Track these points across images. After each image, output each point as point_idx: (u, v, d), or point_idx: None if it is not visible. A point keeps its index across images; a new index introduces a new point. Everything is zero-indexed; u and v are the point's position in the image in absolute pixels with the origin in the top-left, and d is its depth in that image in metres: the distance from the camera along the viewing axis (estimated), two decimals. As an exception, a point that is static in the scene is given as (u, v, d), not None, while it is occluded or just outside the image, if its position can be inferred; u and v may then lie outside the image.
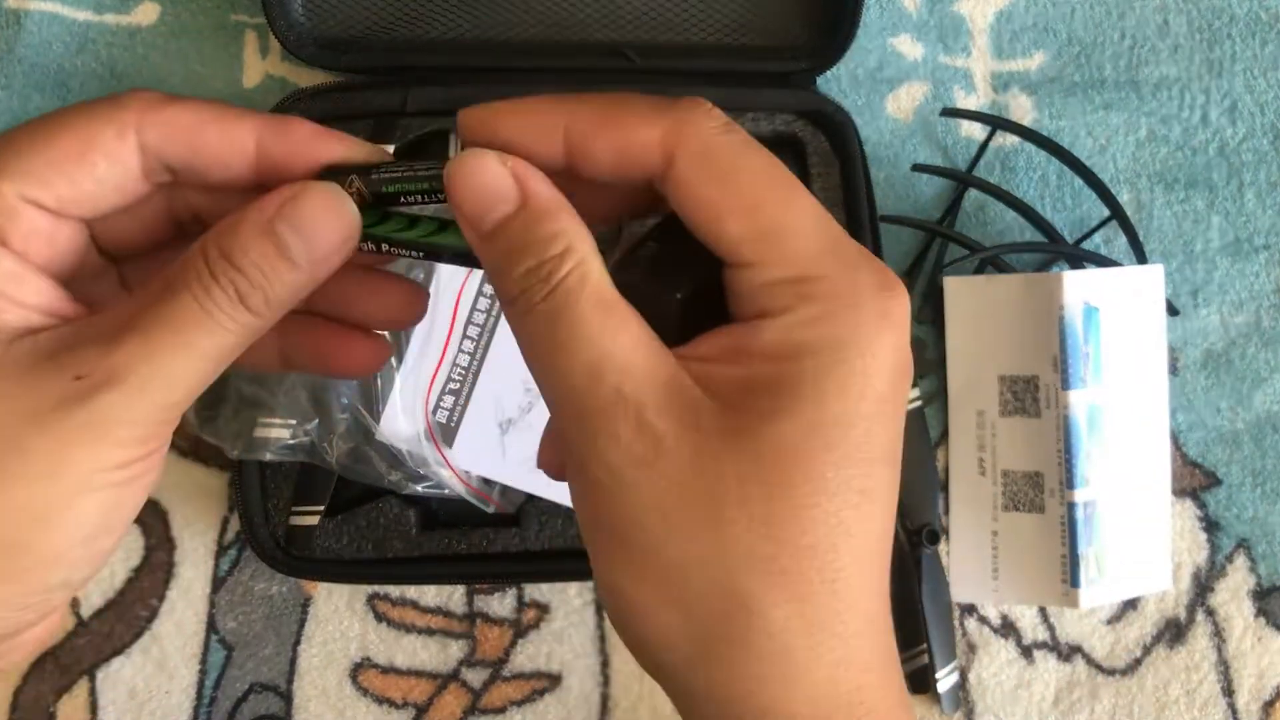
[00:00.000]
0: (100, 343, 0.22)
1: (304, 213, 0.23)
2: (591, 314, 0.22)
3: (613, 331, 0.22)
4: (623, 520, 0.22)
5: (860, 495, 0.22)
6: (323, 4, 0.51)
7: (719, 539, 0.22)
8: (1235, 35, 0.57)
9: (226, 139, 0.25)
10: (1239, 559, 0.54)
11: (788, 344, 0.22)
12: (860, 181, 0.50)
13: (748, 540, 0.22)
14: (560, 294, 0.22)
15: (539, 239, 0.23)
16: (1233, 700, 0.53)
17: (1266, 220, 0.56)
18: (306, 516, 0.47)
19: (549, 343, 0.23)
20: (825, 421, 0.22)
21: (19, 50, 0.53)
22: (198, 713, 0.51)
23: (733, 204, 0.23)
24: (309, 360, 0.28)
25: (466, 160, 0.24)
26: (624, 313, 0.23)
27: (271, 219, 0.23)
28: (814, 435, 0.22)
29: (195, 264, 0.23)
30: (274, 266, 0.23)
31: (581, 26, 0.52)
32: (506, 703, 0.51)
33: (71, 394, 0.22)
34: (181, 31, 0.54)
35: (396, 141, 0.49)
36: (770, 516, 0.22)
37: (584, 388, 0.22)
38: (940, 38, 0.56)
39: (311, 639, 0.51)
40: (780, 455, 0.22)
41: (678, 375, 0.23)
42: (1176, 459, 0.55)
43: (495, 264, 0.24)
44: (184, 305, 0.23)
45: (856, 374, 0.22)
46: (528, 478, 0.47)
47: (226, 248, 0.23)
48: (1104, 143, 0.56)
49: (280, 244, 0.23)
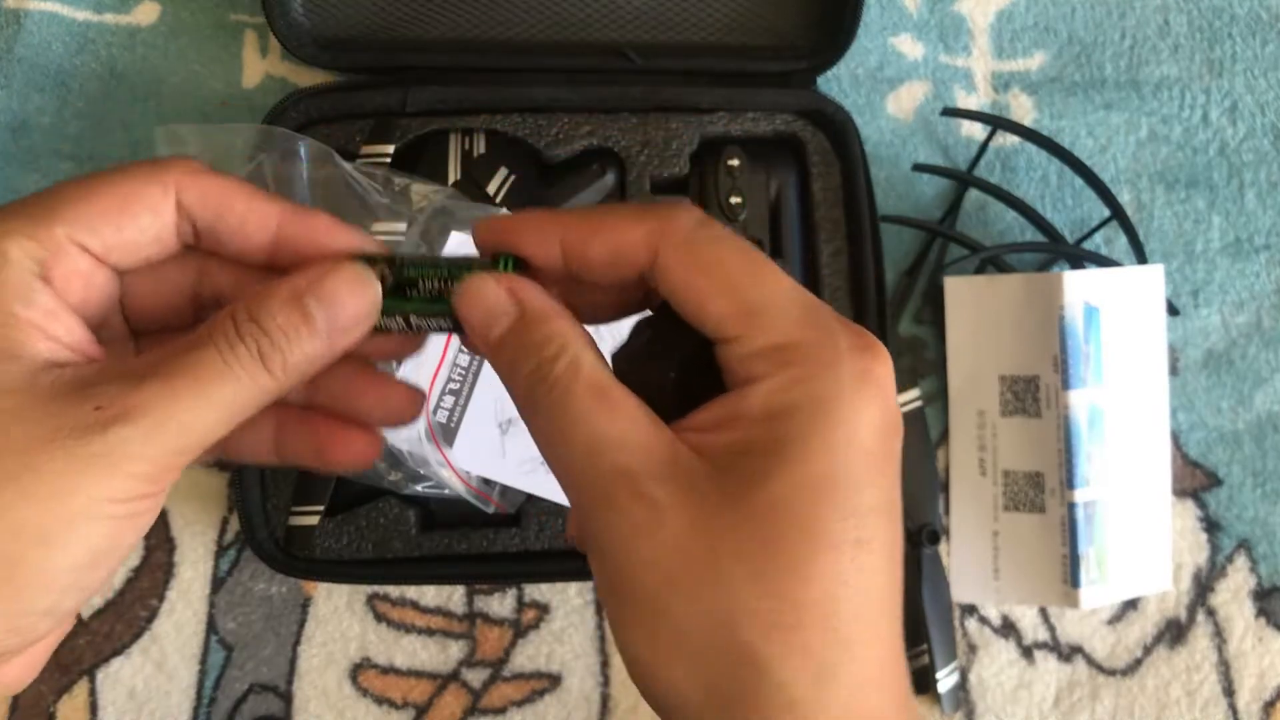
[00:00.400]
0: (122, 381, 0.24)
1: (331, 287, 0.26)
2: (586, 399, 0.24)
3: (607, 412, 0.24)
4: (631, 585, 0.24)
5: (855, 546, 0.23)
6: (323, 4, 0.51)
7: (722, 597, 0.23)
8: (1236, 35, 0.57)
9: (253, 211, 0.27)
10: (1239, 559, 0.54)
11: (773, 406, 0.24)
12: (860, 181, 0.50)
13: (749, 597, 0.23)
14: (559, 387, 0.25)
15: (535, 342, 0.25)
16: (1233, 700, 0.53)
17: (1267, 220, 0.56)
18: (306, 517, 0.47)
19: (553, 431, 0.25)
20: (814, 477, 0.23)
21: (18, 50, 0.53)
22: (197, 713, 0.51)
23: (714, 286, 0.25)
24: (303, 451, 0.30)
25: (470, 284, 0.26)
26: (618, 395, 0.25)
27: (302, 290, 0.26)
28: (804, 491, 0.23)
29: (223, 323, 0.25)
30: (297, 332, 0.25)
31: (581, 26, 0.52)
32: (506, 703, 0.51)
33: (89, 423, 0.23)
34: (181, 31, 0.54)
35: (396, 142, 0.49)
36: (769, 572, 0.23)
37: (585, 466, 0.24)
38: (941, 37, 0.56)
39: (311, 639, 0.51)
40: (774, 512, 0.23)
41: (673, 446, 0.24)
42: (1177, 459, 0.55)
43: (504, 370, 0.26)
44: (207, 357, 0.24)
45: (840, 430, 0.23)
46: (528, 478, 0.47)
47: (255, 311, 0.25)
48: (1104, 143, 0.56)
49: (306, 313, 0.25)
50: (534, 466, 0.47)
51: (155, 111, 0.54)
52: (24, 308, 0.24)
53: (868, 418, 0.24)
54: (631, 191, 0.50)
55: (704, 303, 0.25)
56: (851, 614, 0.23)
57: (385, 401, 0.30)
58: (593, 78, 0.51)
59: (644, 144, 0.50)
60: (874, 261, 0.50)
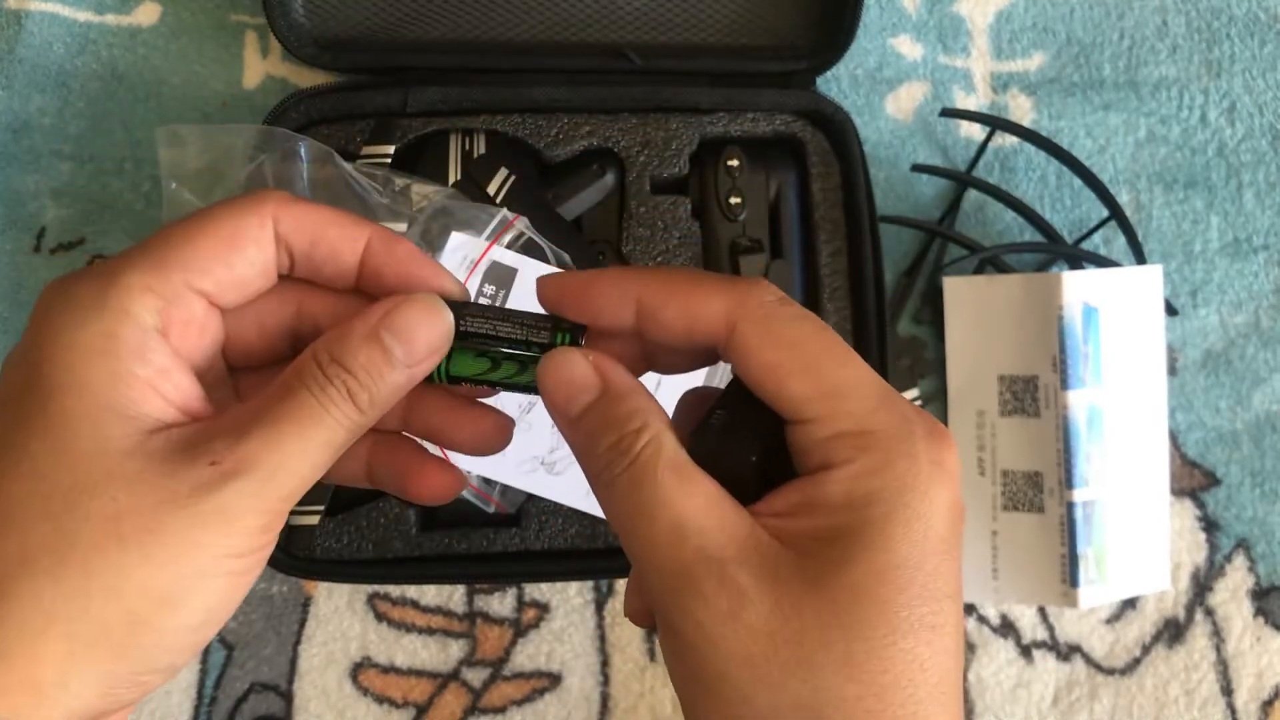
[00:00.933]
0: (228, 436, 0.25)
1: (404, 320, 0.27)
2: (669, 480, 0.25)
3: (690, 495, 0.25)
4: (714, 673, 0.24)
5: (931, 631, 0.24)
6: (323, 4, 0.51)
7: (808, 684, 0.23)
8: (1234, 36, 0.57)
9: (345, 237, 0.28)
10: (1238, 559, 0.54)
11: (853, 494, 0.24)
12: (860, 181, 0.50)
13: (835, 682, 0.23)
14: (639, 465, 0.25)
15: (618, 418, 0.26)
16: (1232, 700, 0.53)
17: (1265, 220, 0.56)
18: (306, 516, 0.48)
19: (632, 509, 0.25)
20: (894, 565, 0.24)
21: (20, 51, 0.54)
22: (198, 712, 0.51)
23: (794, 366, 0.25)
24: (391, 479, 0.30)
25: (556, 357, 0.27)
26: (699, 477, 0.25)
27: (376, 325, 0.26)
28: (885, 578, 0.24)
29: (309, 367, 0.26)
30: (379, 368, 0.26)
31: (581, 26, 0.52)
32: (507, 702, 0.52)
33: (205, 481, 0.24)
34: (182, 32, 0.54)
35: (396, 142, 0.49)
36: (852, 658, 0.23)
37: (668, 549, 0.24)
38: (940, 38, 0.56)
39: (312, 639, 0.52)
40: (856, 599, 0.23)
41: (754, 531, 0.25)
42: (1175, 459, 0.55)
43: (581, 444, 0.27)
44: (304, 401, 0.25)
45: (918, 519, 0.24)
46: (528, 478, 0.47)
47: (338, 352, 0.26)
48: (1103, 143, 0.56)
49: (384, 347, 0.26)
50: (534, 466, 0.47)
51: (156, 112, 0.54)
52: (141, 367, 0.25)
53: (941, 506, 0.24)
54: (631, 192, 0.50)
55: (784, 381, 0.25)
56: (927, 695, 0.24)
57: (476, 429, 0.30)
58: (593, 78, 0.51)
59: (644, 144, 0.50)
60: (873, 262, 0.50)
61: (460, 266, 0.45)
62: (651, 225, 0.50)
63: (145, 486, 0.24)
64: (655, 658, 0.52)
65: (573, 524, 0.48)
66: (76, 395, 0.24)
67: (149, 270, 0.25)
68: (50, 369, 0.24)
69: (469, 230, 0.45)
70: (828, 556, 0.24)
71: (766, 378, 0.25)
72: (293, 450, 0.25)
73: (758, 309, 0.25)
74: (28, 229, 0.53)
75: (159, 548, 0.24)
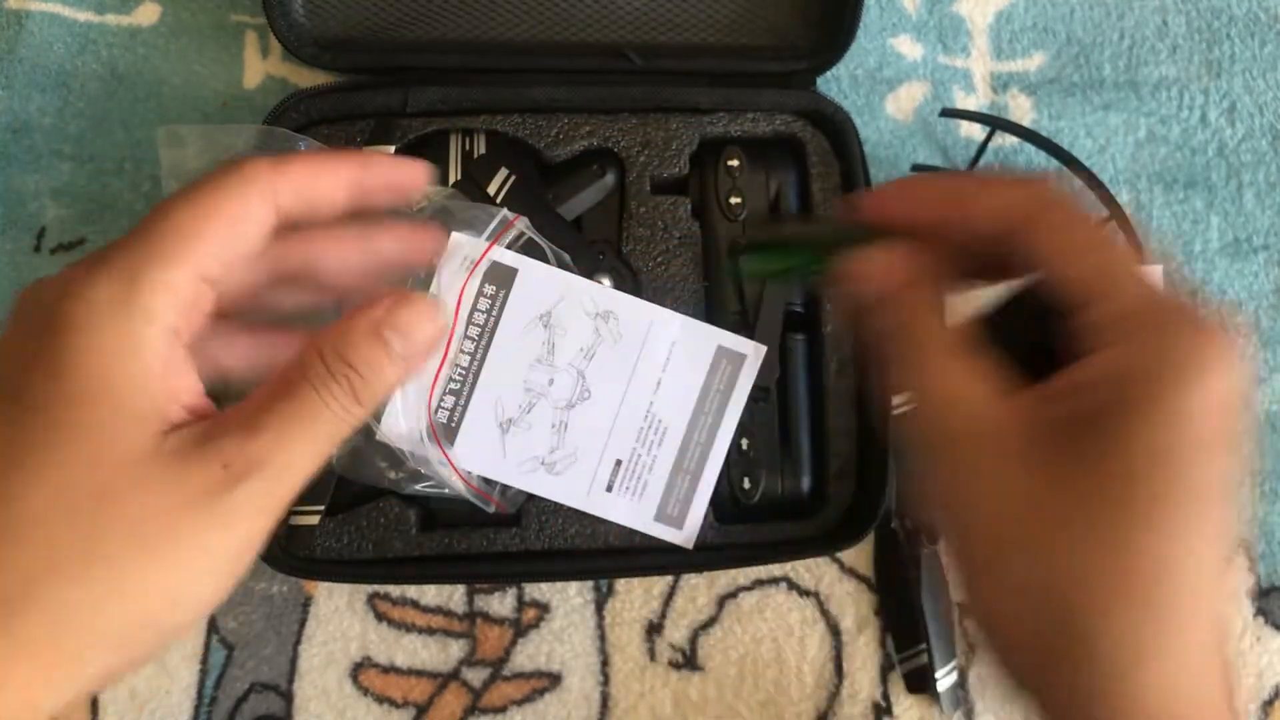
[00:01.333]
0: (236, 435, 0.25)
1: (405, 318, 0.27)
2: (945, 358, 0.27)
3: (966, 371, 0.27)
4: (985, 541, 0.25)
5: (1191, 520, 0.24)
6: (323, 4, 0.51)
7: (1069, 555, 0.24)
8: (1234, 36, 0.57)
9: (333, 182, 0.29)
10: (1238, 559, 0.54)
11: (1128, 370, 0.24)
12: (860, 182, 0.50)
13: (1096, 558, 0.24)
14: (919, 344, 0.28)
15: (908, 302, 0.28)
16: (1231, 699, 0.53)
17: (1265, 220, 0.56)
18: (306, 516, 0.48)
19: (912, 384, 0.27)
20: (1159, 448, 0.24)
21: (20, 51, 0.54)
22: (198, 712, 0.51)
23: (1084, 248, 0.26)
24: None
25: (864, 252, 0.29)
26: (976, 356, 0.27)
27: (378, 322, 0.27)
28: (1151, 461, 0.24)
29: (313, 363, 0.26)
30: (380, 364, 0.27)
31: (581, 26, 0.52)
32: (507, 702, 0.52)
33: (218, 482, 0.25)
34: (182, 32, 0.54)
35: (397, 142, 0.49)
36: (1115, 537, 0.24)
37: (941, 419, 0.26)
38: (940, 38, 0.56)
39: (312, 639, 0.52)
40: (1121, 478, 0.24)
41: (1029, 409, 0.26)
42: (1176, 459, 0.55)
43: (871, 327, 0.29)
44: (308, 398, 0.26)
45: (1189, 403, 0.24)
46: (528, 477, 0.47)
47: (341, 348, 0.27)
48: (1103, 143, 0.56)
49: (386, 344, 0.27)
50: (534, 466, 0.47)
51: (156, 112, 0.54)
52: (163, 370, 0.25)
53: (1215, 395, 0.24)
54: (631, 192, 0.50)
55: (1071, 262, 0.26)
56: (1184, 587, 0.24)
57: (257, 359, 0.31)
58: (593, 78, 0.51)
59: (644, 144, 0.50)
60: (873, 262, 0.50)
61: (460, 266, 0.45)
62: (651, 225, 0.50)
63: (163, 490, 0.24)
64: (655, 658, 0.52)
65: (573, 524, 0.48)
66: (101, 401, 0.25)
67: (165, 265, 0.26)
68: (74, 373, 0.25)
69: (469, 230, 0.45)
70: (1097, 435, 0.24)
71: (1056, 259, 0.26)
72: (299, 448, 0.26)
73: (1054, 199, 0.27)
74: (28, 229, 0.53)
75: (176, 551, 0.24)
